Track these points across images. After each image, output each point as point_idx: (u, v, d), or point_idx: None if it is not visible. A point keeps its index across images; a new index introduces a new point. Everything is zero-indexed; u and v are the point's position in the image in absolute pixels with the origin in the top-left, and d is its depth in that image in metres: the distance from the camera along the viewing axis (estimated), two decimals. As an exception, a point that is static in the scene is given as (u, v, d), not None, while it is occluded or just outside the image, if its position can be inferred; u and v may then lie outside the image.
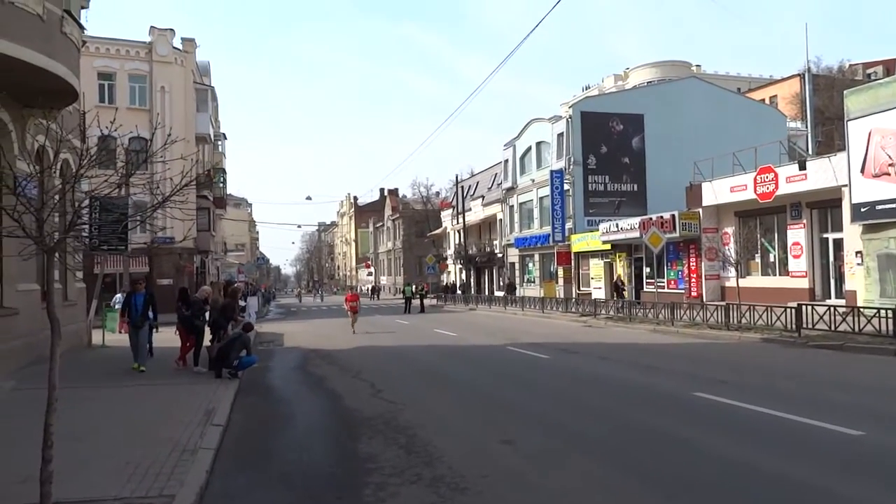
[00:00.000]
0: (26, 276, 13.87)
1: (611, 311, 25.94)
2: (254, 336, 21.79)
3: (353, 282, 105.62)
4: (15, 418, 8.70)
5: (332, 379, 12.61)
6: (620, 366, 13.44)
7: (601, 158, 36.83)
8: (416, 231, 72.67)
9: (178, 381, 11.71)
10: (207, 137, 40.44)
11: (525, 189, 42.60)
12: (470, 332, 22.53)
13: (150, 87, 35.96)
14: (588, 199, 36.74)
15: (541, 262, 41.45)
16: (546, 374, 12.45)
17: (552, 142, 38.91)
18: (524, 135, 42.96)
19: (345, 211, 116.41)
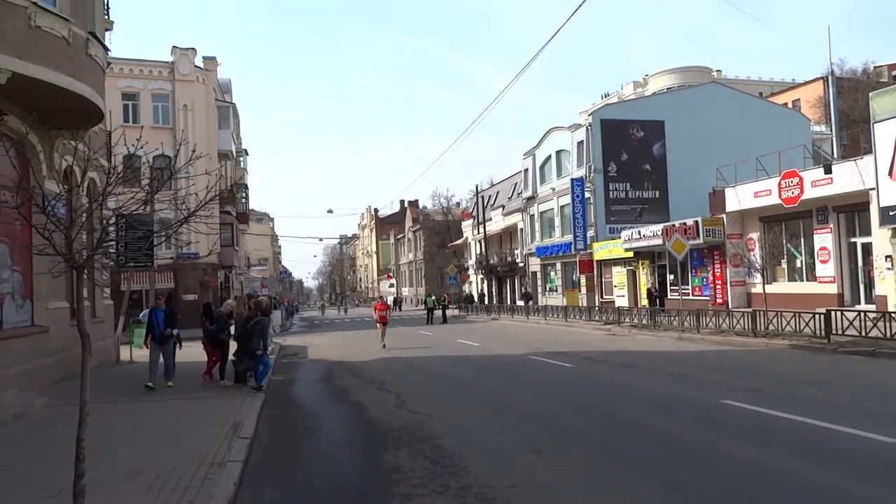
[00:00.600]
0: (55, 294, 14.12)
1: (635, 320, 25.74)
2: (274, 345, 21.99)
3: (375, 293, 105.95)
4: (47, 434, 8.84)
5: (357, 390, 12.65)
6: (646, 374, 13.31)
7: (622, 166, 36.65)
8: (437, 242, 72.79)
9: (205, 395, 11.82)
10: (230, 154, 40.94)
11: (545, 198, 42.52)
12: (493, 342, 22.47)
13: (173, 106, 36.54)
14: (609, 206, 36.55)
15: (563, 271, 41.28)
16: (570, 384, 12.37)
17: (572, 150, 38.82)
18: (544, 144, 42.92)
19: (366, 223, 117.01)
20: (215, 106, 39.04)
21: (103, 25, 15.15)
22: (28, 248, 12.43)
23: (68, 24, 11.91)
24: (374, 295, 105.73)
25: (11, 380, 11.23)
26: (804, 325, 17.20)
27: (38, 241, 5.06)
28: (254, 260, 68.79)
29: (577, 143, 38.24)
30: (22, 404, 10.17)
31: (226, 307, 14.30)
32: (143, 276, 29.50)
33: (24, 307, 13.13)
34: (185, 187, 9.54)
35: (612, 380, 12.69)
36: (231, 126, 41.61)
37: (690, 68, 69.03)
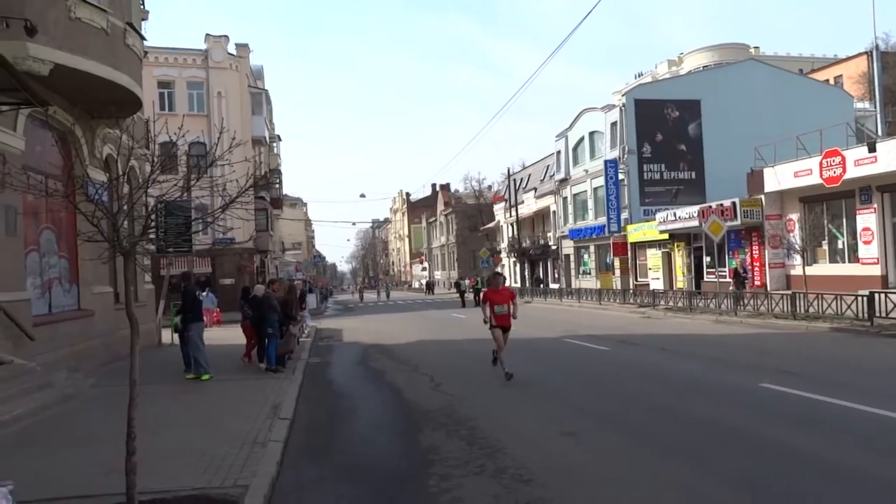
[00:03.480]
0: (100, 279, 14.54)
1: (670, 302, 25.50)
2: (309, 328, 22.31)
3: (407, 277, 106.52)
4: (96, 413, 9.16)
5: (392, 373, 12.82)
6: (682, 357, 13.22)
7: (656, 146, 36.14)
8: (469, 225, 72.74)
9: (245, 377, 12.11)
10: (263, 140, 41.34)
11: (579, 180, 42.17)
12: (526, 325, 22.40)
13: (207, 93, 37.00)
14: (644, 188, 36.13)
15: (596, 254, 41.00)
16: (605, 366, 12.36)
17: (605, 131, 38.38)
18: (576, 125, 42.50)
19: (397, 207, 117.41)
20: (248, 92, 39.43)
21: (139, 15, 15.41)
22: (74, 234, 12.84)
23: (107, 14, 12.16)
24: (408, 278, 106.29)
25: (61, 361, 11.63)
26: (846, 307, 16.87)
27: (85, 228, 5.25)
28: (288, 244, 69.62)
29: (610, 123, 37.80)
30: (71, 385, 10.54)
31: (257, 291, 14.42)
32: (182, 261, 30.16)
33: (70, 292, 13.56)
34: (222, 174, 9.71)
35: (647, 363, 12.64)
36: (264, 112, 42.00)
37: (727, 45, 67.44)
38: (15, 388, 9.24)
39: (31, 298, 11.43)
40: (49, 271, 12.68)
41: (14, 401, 8.88)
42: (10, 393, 9.02)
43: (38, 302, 11.93)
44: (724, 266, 28.84)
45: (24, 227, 11.36)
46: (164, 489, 5.58)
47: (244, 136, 35.38)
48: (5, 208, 10.57)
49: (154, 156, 5.46)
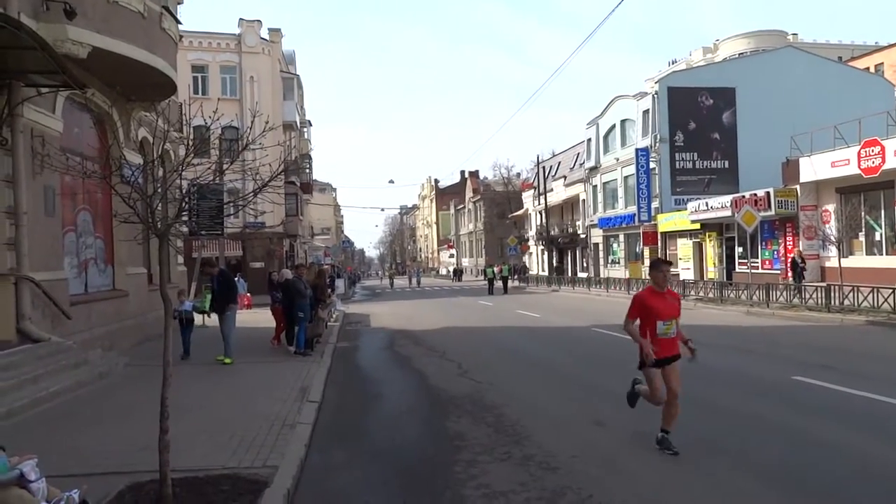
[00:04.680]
0: (134, 260, 14.79)
1: (701, 293, 25.19)
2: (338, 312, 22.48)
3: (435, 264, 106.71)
4: (129, 392, 9.34)
5: (419, 359, 12.86)
6: (712, 348, 13.03)
7: (689, 135, 35.57)
8: (498, 213, 72.45)
9: (273, 360, 12.23)
10: (294, 125, 41.59)
11: (609, 168, 41.74)
12: (553, 314, 22.40)
13: (240, 78, 37.28)
14: (675, 177, 35.62)
15: (626, 243, 40.62)
16: (634, 357, 12.19)
17: (637, 119, 37.88)
18: (608, 113, 42.01)
19: (426, 194, 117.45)
20: (280, 77, 39.62)
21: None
22: (109, 215, 13.06)
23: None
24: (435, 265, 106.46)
25: (96, 340, 11.88)
26: (882, 300, 16.48)
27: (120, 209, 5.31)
28: (317, 229, 70.04)
29: (642, 111, 37.29)
30: (106, 363, 10.76)
31: (281, 276, 14.46)
32: (213, 244, 30.55)
33: (105, 272, 13.82)
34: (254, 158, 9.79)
35: (676, 354, 12.47)
36: (295, 97, 42.20)
37: (764, 32, 65.98)
38: (52, 366, 9.46)
39: (68, 278, 11.67)
40: (85, 251, 12.92)
41: (51, 377, 9.10)
42: (47, 370, 9.23)
43: (74, 281, 12.17)
44: (757, 256, 28.36)
45: (61, 208, 11.58)
46: (196, 467, 5.67)
47: (276, 121, 35.60)
48: (44, 189, 10.78)
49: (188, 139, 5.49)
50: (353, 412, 8.44)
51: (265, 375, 10.51)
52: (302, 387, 9.38)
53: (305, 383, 9.65)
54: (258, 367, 11.44)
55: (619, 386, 9.45)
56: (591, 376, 10.38)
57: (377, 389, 9.99)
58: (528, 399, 8.71)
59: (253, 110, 33.64)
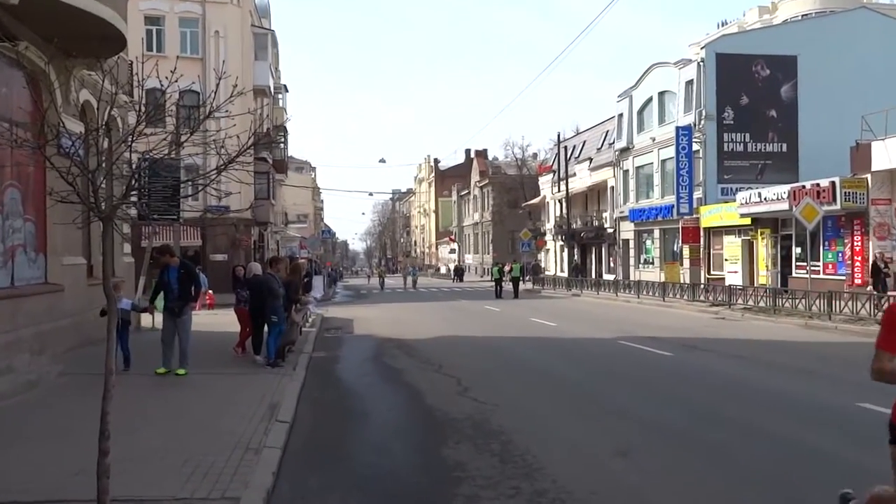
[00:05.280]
0: (71, 248, 14.80)
1: (750, 301, 25.26)
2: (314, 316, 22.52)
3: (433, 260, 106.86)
4: (63, 405, 9.36)
5: (412, 373, 12.89)
6: (762, 368, 13.09)
7: (740, 111, 35.57)
8: (509, 200, 72.54)
9: (237, 371, 12.26)
10: (266, 90, 41.57)
11: (643, 150, 41.76)
12: (573, 323, 22.45)
13: (203, 32, 37.22)
14: (723, 161, 35.64)
15: (661, 240, 40.66)
16: (668, 375, 12.29)
17: (678, 91, 37.89)
18: (643, 83, 42.01)
19: (423, 176, 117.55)
20: (251, 33, 39.60)
21: (125, -64, 15.49)
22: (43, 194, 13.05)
23: (87, -66, 12.22)
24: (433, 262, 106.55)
25: (23, 343, 11.89)
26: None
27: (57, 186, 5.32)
28: (292, 216, 70.17)
29: (685, 82, 37.29)
30: (35, 371, 10.78)
31: (251, 270, 14.47)
32: (167, 232, 30.56)
33: (36, 262, 13.81)
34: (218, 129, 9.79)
35: (718, 373, 12.55)
36: (269, 57, 42.19)
37: (834, -10, 65.82)
38: (-28, 373, 9.47)
39: (-9, 268, 11.66)
40: (12, 236, 12.90)
41: (-30, 387, 9.11)
42: (-34, 377, 9.25)
43: (-2, 273, 12.18)
44: (818, 259, 28.40)
45: (-16, 184, 11.58)
46: (141, 497, 5.68)
47: (245, 85, 35.57)
48: (-36, 161, 10.79)
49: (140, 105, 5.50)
50: (331, 434, 8.45)
51: (226, 389, 10.51)
52: (270, 403, 9.40)
53: (275, 399, 9.67)
54: (218, 379, 11.44)
55: (649, 410, 9.50)
56: (615, 398, 10.41)
57: (360, 408, 10.01)
58: (540, 423, 8.73)
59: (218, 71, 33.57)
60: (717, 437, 7.96)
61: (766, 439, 7.83)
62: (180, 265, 12.14)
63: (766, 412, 9.17)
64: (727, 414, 9.16)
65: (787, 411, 9.24)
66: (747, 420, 8.73)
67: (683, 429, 8.40)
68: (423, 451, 7.66)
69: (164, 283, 11.91)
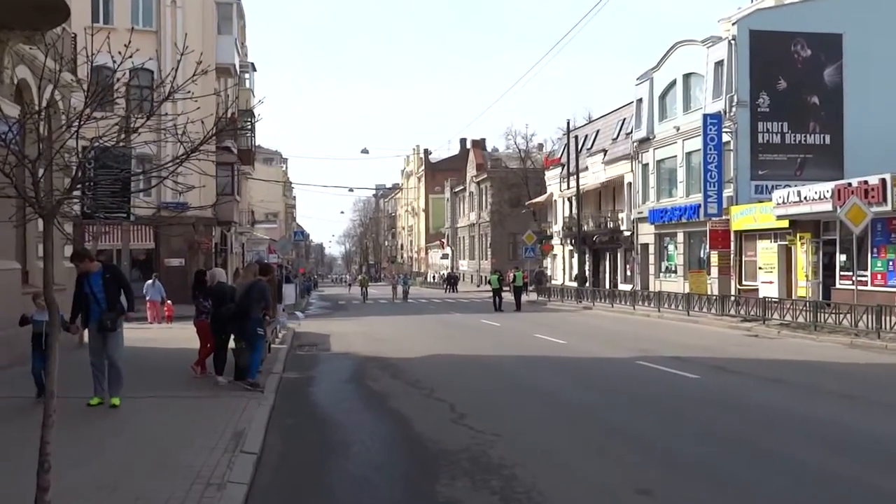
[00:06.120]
0: (3, 251, 14.72)
1: (787, 316, 25.29)
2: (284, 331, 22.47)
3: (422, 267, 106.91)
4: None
5: (398, 397, 12.88)
6: (802, 393, 13.13)
7: (778, 97, 35.66)
8: (510, 198, 72.56)
9: (196, 394, 12.22)
10: (231, 68, 41.51)
11: (666, 140, 41.85)
12: (584, 340, 22.45)
13: (158, 2, 37.17)
14: (757, 155, 35.71)
15: (686, 245, 40.73)
16: (693, 401, 12.31)
17: (707, 74, 37.97)
18: (666, 64, 42.10)
19: (412, 170, 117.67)
20: (213, 3, 39.55)
21: None
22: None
23: None
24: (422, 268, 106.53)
25: (-53, 361, 11.81)
26: None
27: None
28: (259, 215, 70.16)
29: (713, 63, 37.38)
30: (-38, 394, 10.70)
31: (213, 277, 14.41)
32: (115, 232, 30.46)
33: (-37, 267, 13.74)
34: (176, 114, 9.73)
35: (752, 399, 12.56)
36: (234, 31, 42.17)
37: (885, -42, 66.27)
38: None
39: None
40: (-64, 237, 12.85)
41: None
42: None
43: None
44: (866, 268, 28.50)
45: None
46: (86, 540, 5.65)
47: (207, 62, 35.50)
48: None
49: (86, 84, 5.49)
50: (304, 467, 8.44)
51: (184, 415, 10.48)
52: (235, 431, 9.37)
53: (240, 427, 9.64)
54: (174, 403, 11.40)
55: (672, 441, 9.50)
56: (633, 427, 10.41)
57: (339, 437, 9.99)
58: (547, 456, 8.72)
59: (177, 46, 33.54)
60: (751, 475, 7.95)
61: (807, 477, 7.84)
62: (104, 269, 11.38)
63: (806, 445, 9.18)
64: (762, 446, 9.15)
65: (832, 444, 9.25)
66: (786, 454, 8.73)
67: (712, 463, 8.41)
68: (412, 488, 7.65)
69: (84, 296, 11.08)
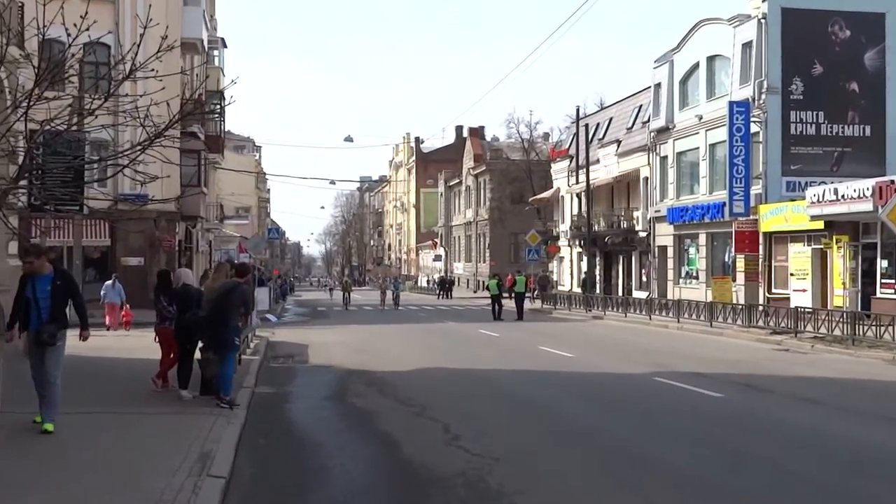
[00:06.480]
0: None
1: (822, 329, 25.30)
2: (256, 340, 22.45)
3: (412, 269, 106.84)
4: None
5: (385, 416, 12.86)
6: (839, 415, 13.14)
7: (812, 83, 35.66)
8: (512, 193, 72.53)
9: (157, 410, 12.15)
10: (199, 44, 41.38)
11: (687, 130, 41.86)
12: (595, 353, 22.46)
13: (117, -33, 37.08)
14: (789, 147, 35.70)
15: (708, 248, 40.73)
16: (717, 423, 12.31)
17: (733, 56, 37.98)
18: (688, 45, 42.11)
19: (401, 160, 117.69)
20: (179, -32, 39.47)
21: None
22: None
23: None
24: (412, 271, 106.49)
25: None
26: None
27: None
28: (229, 209, 70.12)
29: (741, 44, 37.39)
30: None
31: (178, 279, 14.34)
32: (66, 227, 30.34)
33: None
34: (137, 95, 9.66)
35: (783, 420, 12.56)
36: (203, 2, 42.06)
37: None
38: None
39: None
40: None
41: None
42: None
43: None
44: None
45: None
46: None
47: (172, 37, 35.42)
48: None
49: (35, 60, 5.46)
50: (279, 493, 8.42)
51: (144, 434, 10.44)
52: (201, 453, 9.32)
53: (206, 448, 9.59)
54: (134, 421, 11.36)
55: (692, 468, 9.49)
56: (648, 451, 10.40)
57: (318, 461, 9.97)
58: (552, 483, 8.72)
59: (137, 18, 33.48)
60: None
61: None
62: (55, 273, 10.77)
63: (845, 472, 9.20)
64: (795, 472, 9.14)
65: (874, 471, 9.27)
66: (822, 481, 8.75)
67: (738, 492, 8.40)
68: (401, 518, 7.64)
69: (26, 301, 10.59)
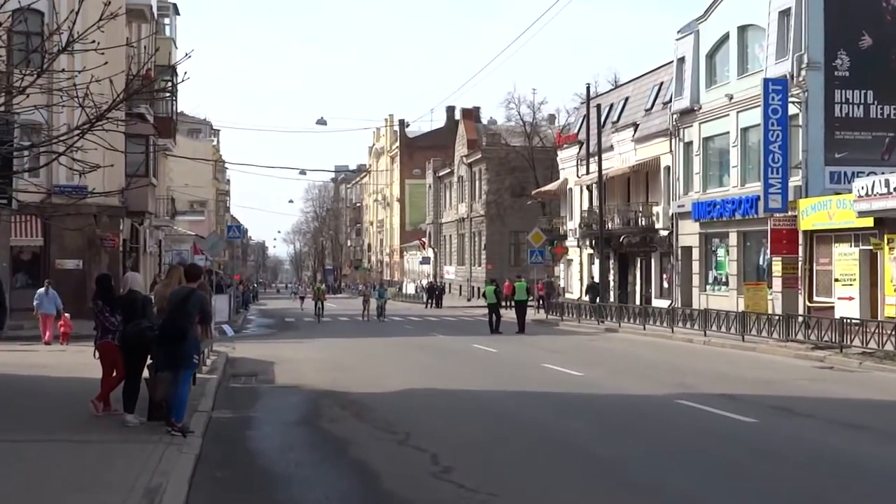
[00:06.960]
0: None
1: (872, 343, 25.35)
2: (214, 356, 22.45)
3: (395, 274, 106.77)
4: None
5: (363, 444, 12.86)
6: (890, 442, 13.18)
7: (860, 58, 35.73)
8: (512, 185, 72.56)
9: (98, 437, 12.12)
10: (147, 10, 41.39)
11: (715, 112, 41.90)
12: (608, 371, 22.46)
13: (50, -79, 37.08)
14: (833, 132, 35.75)
15: (740, 249, 40.75)
16: (749, 452, 12.31)
17: (768, 26, 38.05)
18: (715, 13, 42.18)
19: (383, 146, 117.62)
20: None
21: None
22: None
23: None
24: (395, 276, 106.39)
25: None
26: None
27: None
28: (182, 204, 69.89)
29: (777, 13, 37.47)
30: None
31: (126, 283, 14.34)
32: (-7, 223, 30.28)
33: None
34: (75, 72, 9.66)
35: (826, 449, 12.63)
36: (151, -39, 42.04)
37: None
38: None
39: None
40: None
41: None
42: None
43: None
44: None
45: None
46: None
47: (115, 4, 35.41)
48: None
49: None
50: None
51: (81, 465, 10.44)
52: (148, 487, 9.32)
53: (155, 481, 9.58)
54: (70, 450, 11.35)
55: (726, 501, 9.53)
56: (671, 484, 10.43)
57: (284, 496, 9.98)
58: (558, 522, 8.75)
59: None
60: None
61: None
62: None
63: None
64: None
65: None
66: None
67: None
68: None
69: None
